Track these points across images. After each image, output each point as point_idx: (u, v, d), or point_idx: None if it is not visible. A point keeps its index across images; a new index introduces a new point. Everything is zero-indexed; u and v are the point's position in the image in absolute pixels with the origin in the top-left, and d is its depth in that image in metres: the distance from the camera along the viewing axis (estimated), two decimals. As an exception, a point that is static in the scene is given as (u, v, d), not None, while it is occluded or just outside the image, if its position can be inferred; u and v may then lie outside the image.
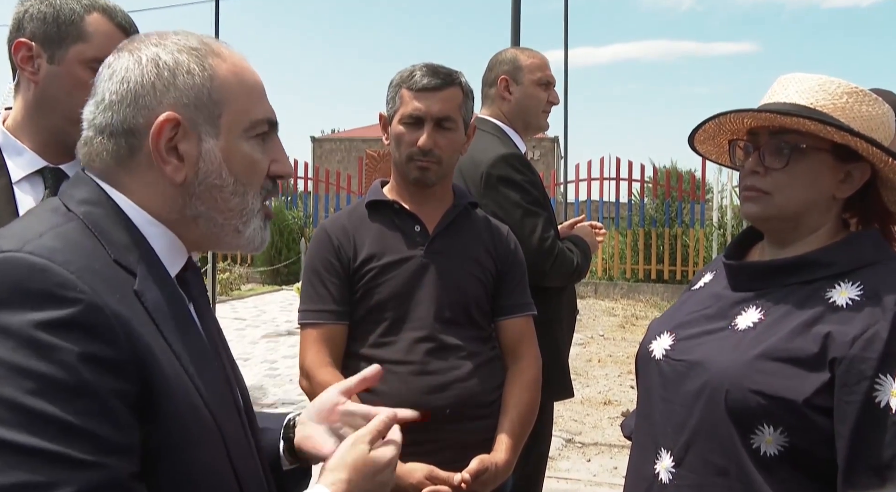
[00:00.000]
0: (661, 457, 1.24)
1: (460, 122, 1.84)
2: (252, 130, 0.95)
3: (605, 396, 6.12)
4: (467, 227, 1.89)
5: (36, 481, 0.70)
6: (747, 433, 1.14)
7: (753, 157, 1.25)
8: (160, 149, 0.90)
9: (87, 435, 0.74)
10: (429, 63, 1.84)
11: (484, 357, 1.82)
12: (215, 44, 0.96)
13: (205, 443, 0.87)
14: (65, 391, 0.74)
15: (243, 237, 0.97)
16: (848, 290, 1.17)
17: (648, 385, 1.32)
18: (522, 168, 2.32)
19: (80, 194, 0.91)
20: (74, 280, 0.78)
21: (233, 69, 0.95)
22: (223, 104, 0.93)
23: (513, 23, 7.48)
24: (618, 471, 4.43)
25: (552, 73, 2.56)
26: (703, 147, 1.41)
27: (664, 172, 13.26)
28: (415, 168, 1.81)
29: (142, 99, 0.90)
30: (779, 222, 1.26)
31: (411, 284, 1.79)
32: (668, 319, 1.37)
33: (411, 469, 1.68)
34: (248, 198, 0.96)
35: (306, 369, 1.78)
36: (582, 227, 2.57)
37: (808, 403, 1.10)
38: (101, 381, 0.76)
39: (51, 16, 1.40)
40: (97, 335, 0.77)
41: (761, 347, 1.16)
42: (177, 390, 0.84)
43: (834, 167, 1.22)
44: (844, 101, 1.21)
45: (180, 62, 0.91)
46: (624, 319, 10.18)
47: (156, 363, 0.82)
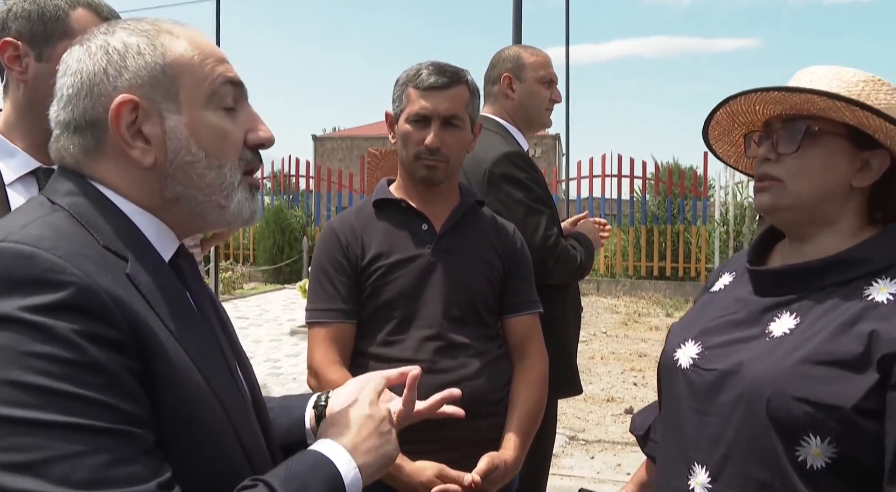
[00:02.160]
0: (695, 472, 1.17)
1: (467, 120, 1.84)
2: (214, 99, 0.93)
3: (608, 393, 6.13)
4: (474, 225, 1.90)
5: (67, 452, 0.72)
6: (792, 445, 1.05)
7: (766, 145, 1.20)
8: (122, 134, 0.89)
9: (107, 406, 0.75)
10: (435, 61, 1.84)
11: (492, 355, 1.83)
12: (167, 23, 0.95)
13: (209, 419, 0.87)
14: (75, 368, 0.75)
15: (228, 212, 0.96)
16: (887, 286, 1.10)
17: (675, 396, 1.25)
18: (525, 166, 2.32)
19: (64, 187, 0.91)
20: (63, 264, 0.78)
21: (185, 43, 0.93)
22: (179, 78, 0.91)
23: (514, 20, 7.47)
24: (621, 468, 4.43)
25: (554, 70, 2.56)
26: (719, 147, 1.36)
27: (666, 168, 13.26)
28: (422, 167, 1.81)
29: (97, 88, 0.89)
30: (792, 214, 1.19)
31: (419, 282, 1.79)
32: (691, 326, 1.29)
33: (421, 468, 1.68)
34: (226, 171, 0.94)
35: (314, 367, 1.78)
36: (585, 223, 2.57)
37: (857, 408, 1.02)
38: (107, 357, 0.77)
39: (35, 13, 1.38)
40: (94, 315, 0.77)
41: (802, 351, 1.08)
42: (178, 366, 0.84)
43: (850, 154, 1.15)
44: (860, 88, 1.16)
45: (129, 45, 0.91)
46: (626, 316, 10.18)
47: (156, 341, 0.82)
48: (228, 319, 1.11)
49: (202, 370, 0.87)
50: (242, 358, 1.08)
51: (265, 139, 0.98)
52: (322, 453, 0.92)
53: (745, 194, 12.07)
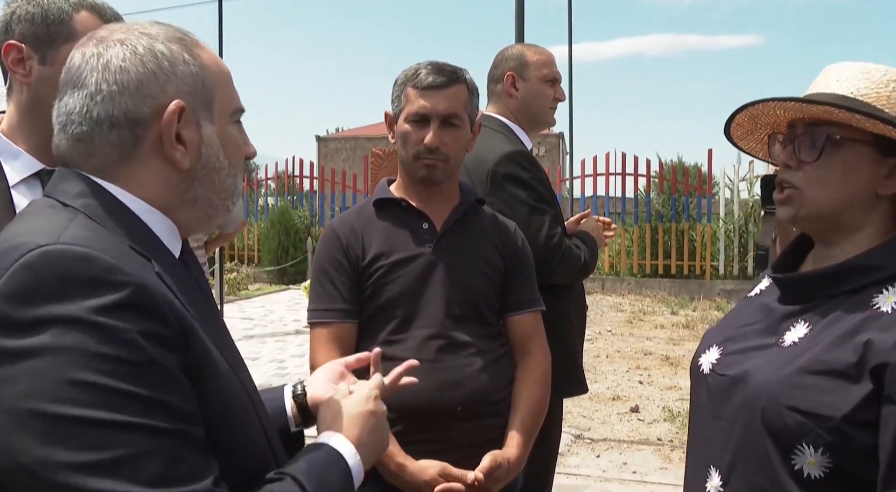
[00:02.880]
0: (711, 476, 1.17)
1: (466, 119, 1.84)
2: (235, 116, 1.01)
3: (614, 391, 6.11)
4: (475, 224, 1.90)
5: (122, 454, 0.74)
6: (787, 454, 1.05)
7: (787, 150, 1.17)
8: (171, 136, 0.92)
9: (163, 406, 0.78)
10: (433, 61, 1.84)
11: (494, 354, 1.83)
12: (191, 34, 1.00)
13: (240, 408, 0.92)
14: (137, 368, 0.78)
15: (230, 215, 1.03)
16: (895, 294, 1.07)
17: (698, 400, 1.26)
18: (528, 165, 2.32)
19: (74, 189, 0.91)
20: (119, 264, 0.81)
21: (212, 59, 0.99)
22: (213, 91, 0.97)
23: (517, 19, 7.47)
24: (627, 467, 4.42)
25: (558, 69, 2.55)
26: (744, 143, 1.33)
27: (670, 166, 13.23)
28: (422, 166, 1.81)
29: (145, 88, 0.92)
30: (814, 222, 1.17)
31: (420, 281, 1.79)
32: (719, 330, 1.29)
33: (424, 466, 1.68)
34: (238, 179, 1.02)
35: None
36: (588, 222, 2.56)
37: (847, 419, 1.00)
38: (162, 355, 0.80)
39: (39, 16, 1.38)
40: (150, 314, 0.81)
41: (801, 360, 1.07)
42: (215, 358, 0.89)
43: (875, 161, 1.11)
44: (892, 89, 1.10)
45: (175, 52, 0.94)
46: (631, 314, 10.16)
47: (196, 336, 0.86)
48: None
49: (228, 360, 0.93)
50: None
51: (253, 153, 1.07)
52: (335, 448, 0.98)
53: (750, 192, 12.03)
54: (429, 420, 1.73)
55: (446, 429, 1.74)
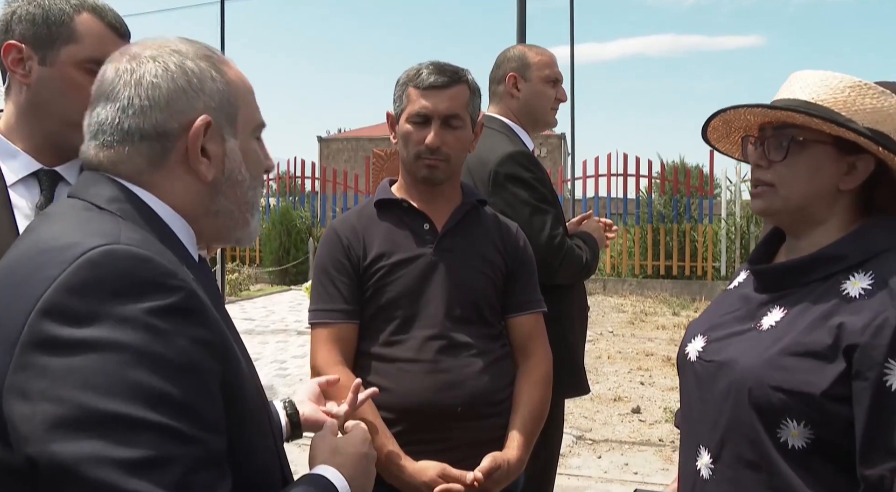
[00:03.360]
0: (701, 454, 1.30)
1: (468, 119, 1.83)
2: (257, 131, 1.05)
3: (615, 392, 6.11)
4: (476, 224, 1.89)
5: (155, 455, 0.76)
6: (773, 428, 1.18)
7: (758, 151, 1.29)
8: (197, 150, 0.96)
9: (195, 412, 0.80)
10: (435, 61, 1.84)
11: (495, 355, 1.82)
12: (217, 52, 1.04)
13: (258, 413, 0.95)
14: (178, 371, 0.80)
15: (249, 228, 1.06)
16: (860, 280, 1.19)
17: (687, 387, 1.38)
18: (530, 166, 2.32)
19: (106, 193, 0.95)
20: (174, 269, 0.85)
21: (238, 75, 1.03)
22: (237, 107, 1.01)
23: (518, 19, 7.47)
24: (628, 467, 4.42)
25: (559, 69, 2.55)
26: (721, 145, 1.45)
27: (672, 167, 13.24)
28: (423, 166, 1.81)
29: (174, 103, 0.96)
30: (785, 215, 1.30)
31: (421, 282, 1.79)
32: (703, 321, 1.42)
33: (424, 467, 1.68)
34: (258, 191, 1.06)
35: (318, 368, 1.78)
36: (590, 222, 2.56)
37: (826, 394, 1.13)
38: (204, 361, 0.83)
39: (40, 17, 1.38)
40: (198, 319, 0.84)
41: (780, 344, 1.20)
42: (242, 364, 0.92)
43: (837, 159, 1.23)
44: (846, 94, 1.23)
45: (204, 69, 0.99)
46: (633, 315, 10.15)
47: (230, 344, 0.90)
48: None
49: (251, 371, 0.96)
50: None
51: (271, 167, 1.10)
52: (333, 482, 1.00)
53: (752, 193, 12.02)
54: (429, 421, 1.72)
55: (447, 429, 1.73)
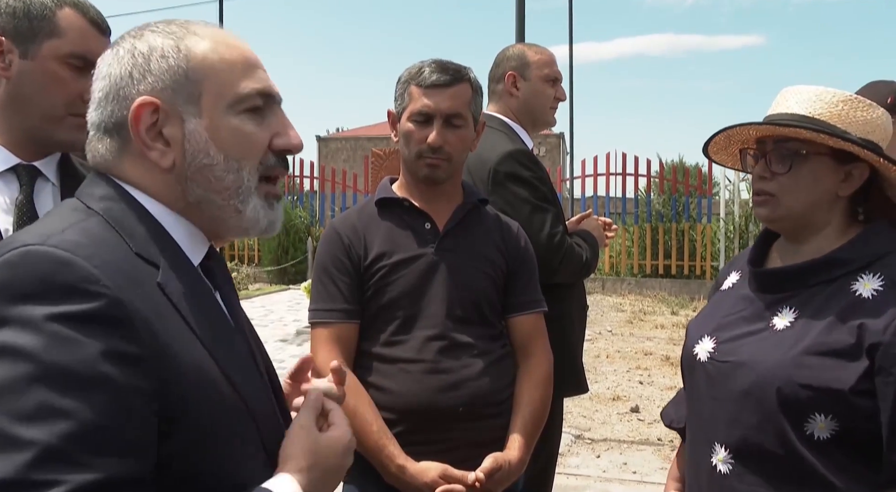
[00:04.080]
0: (717, 450, 1.36)
1: (470, 118, 1.83)
2: (239, 105, 0.94)
3: (614, 391, 6.11)
4: (477, 224, 1.89)
5: (30, 479, 0.69)
6: (800, 423, 1.26)
7: (761, 163, 1.38)
8: (141, 135, 0.91)
9: (95, 432, 0.73)
10: (437, 59, 1.83)
11: (495, 355, 1.82)
12: (195, 25, 0.96)
13: (236, 431, 0.87)
14: (81, 385, 0.73)
15: (244, 217, 0.96)
16: (870, 281, 1.29)
17: (697, 387, 1.44)
18: (530, 164, 2.31)
19: (99, 192, 0.92)
20: (98, 274, 0.78)
21: (211, 46, 0.93)
22: (202, 82, 0.92)
23: (517, 18, 7.48)
24: (627, 467, 4.42)
25: (559, 68, 2.55)
26: (717, 157, 1.55)
27: (671, 166, 13.25)
28: (424, 165, 1.80)
29: (122, 91, 0.91)
30: (788, 222, 1.38)
31: (422, 281, 1.78)
32: (706, 322, 1.47)
33: (425, 468, 1.68)
34: (243, 174, 0.94)
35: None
36: (589, 221, 2.56)
37: (853, 390, 1.22)
38: (120, 377, 0.76)
39: (21, 10, 1.37)
40: (119, 331, 0.77)
41: (802, 344, 1.28)
42: (202, 383, 0.84)
43: (835, 168, 1.33)
44: (840, 108, 1.33)
45: (154, 47, 0.92)
46: (632, 314, 10.15)
47: (176, 359, 0.82)
48: (246, 316, 1.11)
49: (231, 377, 0.88)
50: (263, 350, 1.08)
51: (291, 145, 0.98)
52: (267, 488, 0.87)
53: (750, 192, 12.03)
54: (430, 421, 1.72)
55: (448, 430, 1.73)
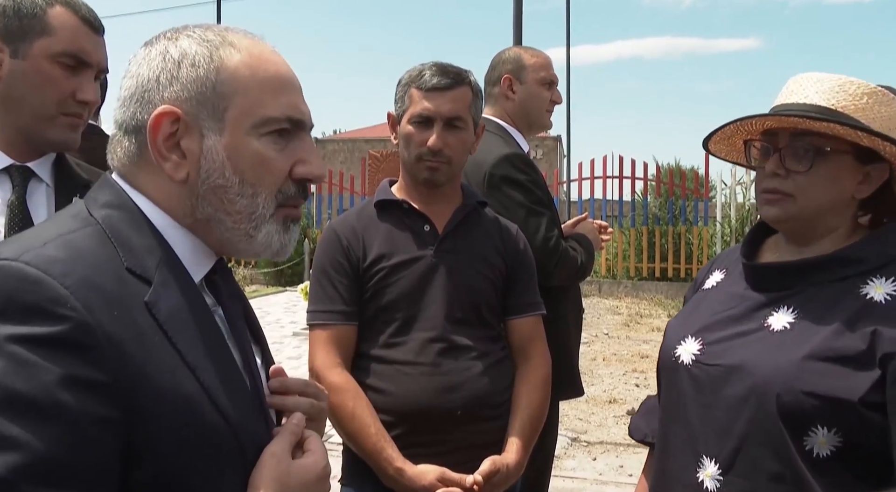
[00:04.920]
0: (704, 464, 1.21)
1: (470, 121, 1.83)
2: (264, 127, 0.89)
3: (611, 394, 6.12)
4: (476, 226, 1.89)
5: None
6: (801, 436, 1.12)
7: (773, 159, 1.23)
8: (158, 144, 0.87)
9: (47, 463, 0.69)
10: (438, 62, 1.83)
11: (494, 357, 1.82)
12: (235, 34, 0.91)
13: (217, 458, 0.83)
14: (36, 413, 0.70)
15: (256, 242, 0.92)
16: (882, 285, 1.17)
17: (679, 393, 1.29)
18: (525, 168, 2.32)
19: (103, 198, 0.89)
20: (67, 296, 0.74)
21: (246, 60, 0.89)
22: (229, 98, 0.87)
23: (514, 21, 7.49)
24: (623, 470, 4.43)
25: (555, 72, 2.56)
26: (715, 147, 1.39)
27: (667, 169, 13.26)
28: (424, 168, 1.80)
29: (147, 94, 0.88)
30: (798, 224, 1.25)
31: (422, 283, 1.78)
32: (688, 323, 1.33)
33: (423, 471, 1.68)
34: (259, 200, 0.90)
35: (316, 370, 1.77)
36: (585, 224, 2.56)
37: (862, 401, 1.09)
38: (80, 405, 0.72)
39: (11, 9, 1.36)
40: (83, 356, 0.73)
41: (807, 347, 1.15)
42: (181, 410, 0.79)
43: (854, 169, 1.21)
44: (865, 101, 1.19)
45: (187, 54, 0.88)
46: (628, 317, 10.16)
47: (152, 385, 0.77)
48: (258, 329, 1.06)
49: (217, 402, 0.83)
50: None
51: (313, 175, 0.94)
52: None
53: (747, 195, 12.07)
54: (429, 423, 1.72)
55: (446, 432, 1.73)
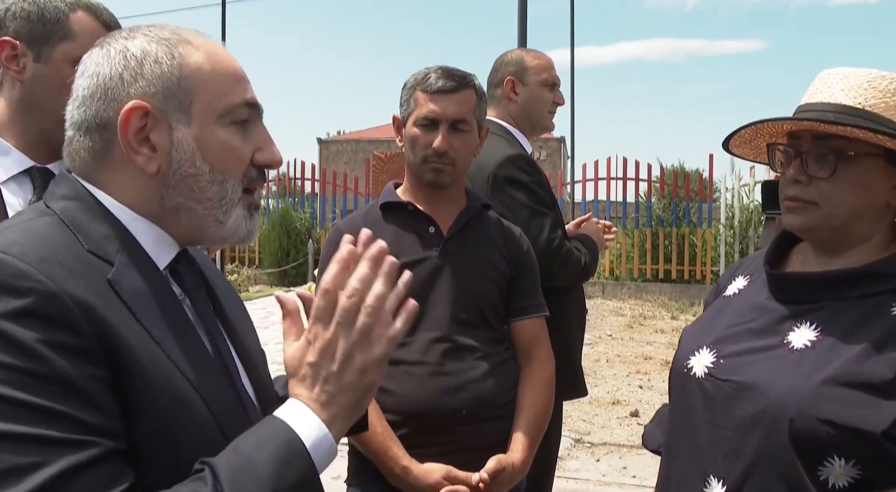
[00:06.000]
0: (711, 485, 1.13)
1: (474, 124, 1.84)
2: (228, 116, 0.94)
3: (614, 396, 6.12)
4: (481, 228, 1.90)
5: (21, 462, 0.71)
6: (814, 465, 1.03)
7: (795, 164, 1.13)
8: (129, 139, 0.89)
9: (64, 417, 0.74)
10: (443, 66, 1.85)
11: (499, 358, 1.83)
12: (187, 33, 0.95)
13: (191, 424, 0.85)
14: (32, 377, 0.74)
15: (226, 227, 0.95)
16: None
17: (689, 405, 1.20)
18: (529, 169, 2.33)
19: (60, 192, 0.92)
20: (29, 269, 0.77)
21: (204, 56, 0.93)
22: (194, 91, 0.91)
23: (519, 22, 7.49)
24: (627, 471, 4.43)
25: (557, 73, 2.57)
26: (739, 150, 1.31)
27: (671, 171, 13.24)
28: (429, 170, 1.82)
29: (111, 91, 0.90)
30: (825, 233, 1.14)
31: (427, 285, 1.79)
32: (705, 332, 1.25)
33: (429, 469, 1.69)
34: (228, 186, 0.94)
35: None
36: (589, 225, 2.57)
37: (886, 434, 0.98)
38: (69, 365, 0.76)
39: (35, 14, 1.39)
40: (57, 323, 0.76)
41: (827, 370, 1.05)
42: (156, 373, 0.82)
43: (887, 172, 1.10)
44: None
45: (148, 52, 0.91)
46: (632, 318, 10.16)
47: (127, 348, 0.80)
48: (241, 324, 1.08)
49: (186, 374, 0.86)
50: (253, 362, 1.06)
51: (273, 161, 0.98)
52: (278, 417, 0.83)
53: (751, 197, 12.04)
54: (434, 423, 1.73)
55: (451, 432, 1.74)
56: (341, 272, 0.88)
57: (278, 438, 0.81)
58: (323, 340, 0.86)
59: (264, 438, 0.81)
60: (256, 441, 0.80)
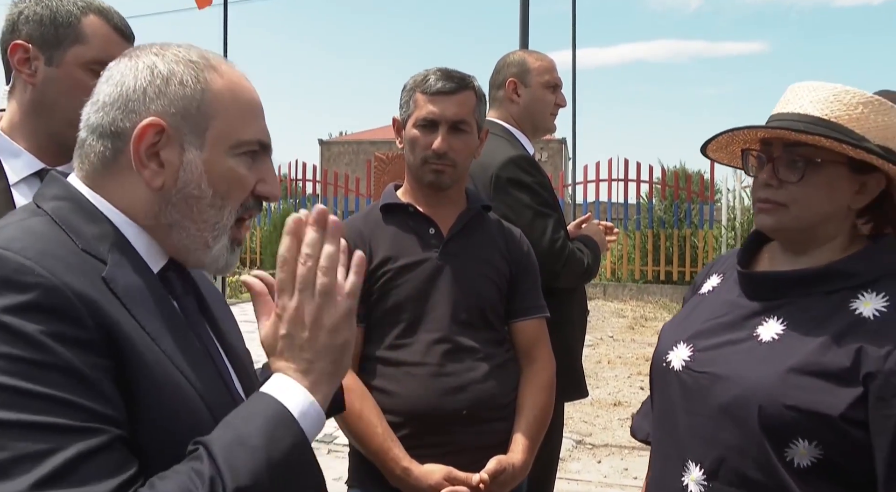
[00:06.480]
0: (690, 469, 1.24)
1: (474, 125, 1.85)
2: (239, 148, 0.96)
3: (615, 397, 6.12)
4: (481, 229, 1.91)
5: (34, 449, 0.73)
6: (781, 447, 1.13)
7: (767, 169, 1.24)
8: (140, 153, 0.92)
9: (73, 405, 0.76)
10: (442, 67, 1.86)
11: (499, 359, 1.83)
12: (216, 59, 0.98)
13: (188, 415, 0.87)
14: (40, 368, 0.76)
15: (211, 253, 0.98)
16: (872, 300, 1.17)
17: (668, 397, 1.31)
18: (531, 170, 2.33)
19: (52, 192, 0.94)
20: (31, 265, 0.80)
21: (228, 86, 0.96)
22: (211, 118, 0.94)
23: (521, 24, 7.49)
24: (628, 472, 4.42)
25: (559, 75, 2.57)
26: (715, 155, 1.42)
27: (673, 173, 13.22)
28: (429, 171, 1.82)
29: (131, 103, 0.93)
30: (794, 233, 1.26)
31: (427, 286, 1.80)
32: (682, 328, 1.35)
33: (430, 470, 1.69)
34: (225, 212, 0.97)
35: None
36: (591, 226, 2.57)
37: (843, 417, 1.10)
38: (75, 356, 0.78)
39: (47, 18, 1.40)
40: (61, 316, 0.79)
41: (792, 360, 1.15)
42: (153, 365, 0.85)
43: (850, 178, 1.21)
44: (860, 111, 1.19)
45: (175, 72, 0.94)
46: (633, 320, 10.16)
47: (127, 340, 0.83)
48: (229, 328, 1.10)
49: (181, 369, 0.88)
50: (242, 363, 1.08)
51: (272, 195, 1.01)
52: (263, 392, 0.86)
53: (752, 199, 12.03)
54: (434, 424, 1.73)
55: (452, 433, 1.74)
56: (294, 243, 0.92)
57: (266, 410, 0.84)
58: (290, 310, 0.90)
59: (253, 411, 0.84)
60: (245, 415, 0.84)
